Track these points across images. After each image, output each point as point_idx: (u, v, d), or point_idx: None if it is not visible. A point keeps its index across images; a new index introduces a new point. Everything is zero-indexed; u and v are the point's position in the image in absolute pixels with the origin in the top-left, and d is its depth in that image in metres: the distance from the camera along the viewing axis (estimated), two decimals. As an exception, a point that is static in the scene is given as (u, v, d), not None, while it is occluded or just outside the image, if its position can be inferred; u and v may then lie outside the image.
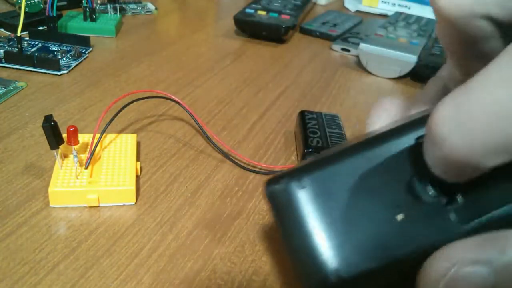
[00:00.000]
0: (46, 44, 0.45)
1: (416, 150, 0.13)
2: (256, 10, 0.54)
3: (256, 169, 0.31)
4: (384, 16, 0.69)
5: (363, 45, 0.48)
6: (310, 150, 0.30)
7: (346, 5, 0.73)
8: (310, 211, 0.14)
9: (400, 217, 0.13)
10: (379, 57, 0.47)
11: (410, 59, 0.46)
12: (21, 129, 0.32)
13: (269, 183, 0.14)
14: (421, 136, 0.13)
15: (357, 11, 0.71)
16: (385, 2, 0.71)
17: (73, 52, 0.44)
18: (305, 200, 0.14)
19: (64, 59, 0.43)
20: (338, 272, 0.13)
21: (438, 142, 0.11)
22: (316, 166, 0.14)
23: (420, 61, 0.46)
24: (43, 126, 0.25)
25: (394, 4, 0.71)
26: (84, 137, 0.29)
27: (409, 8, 0.70)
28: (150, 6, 0.60)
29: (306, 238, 0.13)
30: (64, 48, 0.45)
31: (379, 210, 0.14)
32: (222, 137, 0.34)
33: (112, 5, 0.53)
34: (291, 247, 0.14)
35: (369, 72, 0.48)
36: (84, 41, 0.46)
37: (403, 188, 0.14)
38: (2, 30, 0.48)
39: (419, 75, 0.46)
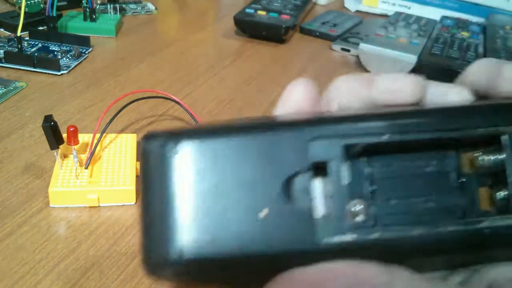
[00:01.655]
0: (46, 44, 0.45)
1: (308, 149, 0.12)
2: (256, 10, 0.54)
3: (256, 169, 0.31)
4: (384, 16, 0.69)
5: (363, 45, 0.48)
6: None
7: (346, 5, 0.73)
8: (175, 180, 0.13)
9: (264, 213, 0.12)
10: (379, 57, 0.47)
11: (410, 59, 0.46)
12: (21, 129, 0.32)
13: (147, 137, 0.14)
14: (316, 137, 0.12)
15: (357, 11, 0.71)
16: (385, 2, 0.71)
17: (73, 52, 0.44)
18: (174, 166, 0.13)
19: (64, 59, 0.43)
20: (182, 250, 0.12)
21: None
22: (201, 133, 0.13)
23: (420, 61, 0.46)
24: (43, 126, 0.25)
25: (394, 4, 0.71)
26: (84, 137, 0.29)
27: (409, 8, 0.70)
28: (150, 6, 0.60)
29: (160, 207, 0.12)
30: (64, 48, 0.45)
31: (246, 200, 0.12)
32: (222, 137, 0.34)
33: (112, 5, 0.53)
34: (145, 213, 0.13)
35: (369, 72, 0.48)
36: (84, 41, 0.46)
37: (280, 184, 0.12)
38: (2, 30, 0.48)
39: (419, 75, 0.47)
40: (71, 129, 0.26)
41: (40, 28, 0.48)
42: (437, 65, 0.45)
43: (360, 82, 0.15)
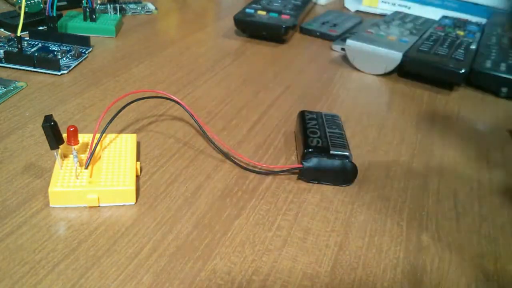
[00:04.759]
0: (46, 44, 0.45)
1: None
2: (256, 10, 0.54)
3: (256, 169, 0.31)
4: (384, 16, 0.69)
5: (349, 41, 0.48)
6: (310, 150, 0.30)
7: (346, 5, 0.73)
8: None
9: None
10: (365, 53, 0.47)
11: (395, 55, 0.46)
12: (21, 129, 0.32)
13: None
14: None
15: (357, 11, 0.71)
16: (385, 2, 0.71)
17: (73, 52, 0.44)
18: None
19: (64, 59, 0.43)
20: None
21: None
22: None
23: (407, 57, 0.46)
24: (43, 126, 0.25)
25: (394, 4, 0.71)
26: (84, 137, 0.29)
27: (409, 8, 0.70)
28: (150, 6, 0.60)
29: None
30: (64, 48, 0.45)
31: None
32: (222, 137, 0.34)
33: (112, 5, 0.53)
34: None
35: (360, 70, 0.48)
36: (84, 41, 0.46)
37: None
38: (2, 30, 0.48)
39: (406, 71, 0.47)
40: (71, 129, 0.26)
41: (40, 28, 0.48)
42: (421, 62, 0.45)
43: None
